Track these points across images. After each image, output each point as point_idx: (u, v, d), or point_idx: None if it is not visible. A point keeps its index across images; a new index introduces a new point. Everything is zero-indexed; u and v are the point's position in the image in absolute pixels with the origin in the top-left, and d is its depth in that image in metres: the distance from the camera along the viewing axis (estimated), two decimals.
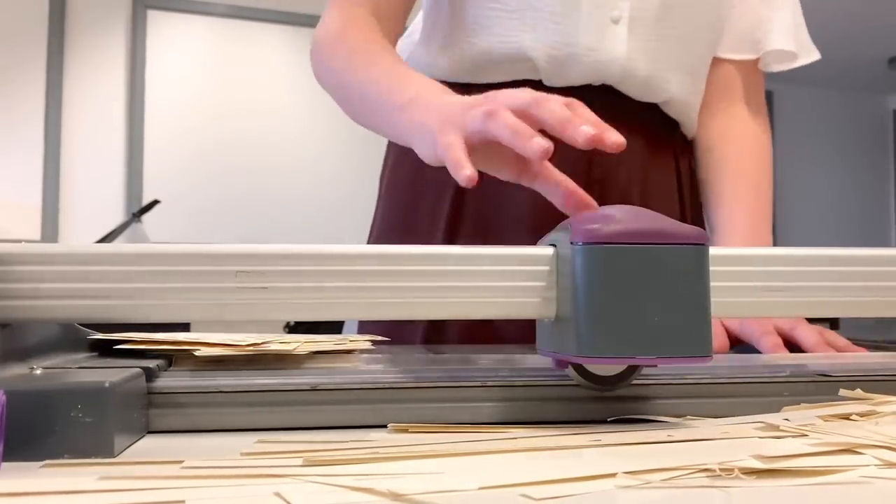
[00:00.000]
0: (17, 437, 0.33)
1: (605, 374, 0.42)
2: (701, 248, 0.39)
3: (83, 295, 0.40)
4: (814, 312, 0.47)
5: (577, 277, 0.39)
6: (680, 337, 0.38)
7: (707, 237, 0.40)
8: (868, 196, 5.27)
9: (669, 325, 0.38)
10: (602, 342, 0.38)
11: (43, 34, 3.30)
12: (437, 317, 0.42)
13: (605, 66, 0.77)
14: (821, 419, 0.40)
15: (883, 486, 0.30)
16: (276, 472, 0.31)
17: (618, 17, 0.77)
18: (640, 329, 0.38)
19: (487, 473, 0.31)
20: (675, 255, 0.39)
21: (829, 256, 0.46)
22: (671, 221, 0.41)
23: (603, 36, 0.76)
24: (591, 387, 0.42)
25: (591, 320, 0.38)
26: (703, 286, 0.39)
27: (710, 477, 0.31)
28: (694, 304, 0.39)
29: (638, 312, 0.38)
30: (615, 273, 0.38)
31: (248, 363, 0.49)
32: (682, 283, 0.39)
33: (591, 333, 0.38)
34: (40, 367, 0.41)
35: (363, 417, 0.41)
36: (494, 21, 0.77)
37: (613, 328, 0.38)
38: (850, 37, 4.24)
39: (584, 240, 0.39)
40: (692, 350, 0.39)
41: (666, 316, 0.38)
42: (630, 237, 0.39)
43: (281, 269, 0.41)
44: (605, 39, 0.76)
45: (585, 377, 0.42)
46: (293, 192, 3.62)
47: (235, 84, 3.61)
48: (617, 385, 0.42)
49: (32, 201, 3.26)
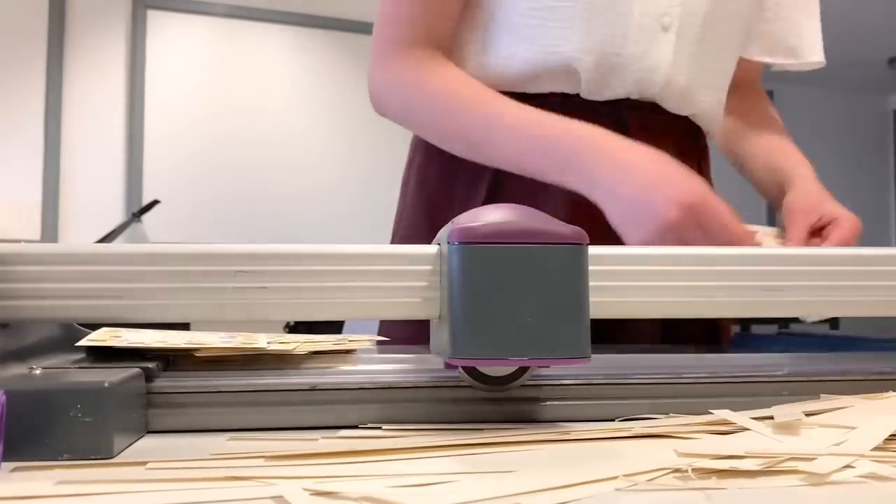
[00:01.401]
0: (16, 437, 0.33)
1: (496, 374, 0.41)
2: (578, 248, 0.38)
3: (83, 295, 0.40)
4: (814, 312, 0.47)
5: (452, 277, 0.38)
6: (556, 338, 0.38)
7: (587, 237, 0.39)
8: (868, 196, 5.27)
9: (545, 326, 0.38)
10: (475, 342, 0.37)
11: (43, 34, 3.31)
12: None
13: (648, 76, 0.76)
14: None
15: (883, 486, 0.30)
16: (238, 475, 0.31)
17: (668, 24, 0.76)
18: (514, 329, 0.37)
19: (468, 476, 0.31)
20: (551, 254, 0.38)
21: (829, 256, 0.46)
22: (554, 222, 0.40)
23: (651, 44, 0.76)
24: (482, 387, 0.42)
25: (464, 320, 0.37)
26: (580, 287, 0.38)
27: (681, 478, 0.31)
28: (571, 305, 0.38)
29: (512, 313, 0.37)
30: (489, 273, 0.38)
31: (247, 363, 0.49)
32: (558, 283, 0.38)
33: (465, 334, 0.37)
34: (40, 367, 0.41)
35: (363, 417, 0.41)
36: (538, 30, 0.76)
37: (486, 328, 0.37)
38: (850, 37, 4.24)
39: (459, 239, 0.38)
40: (568, 351, 0.38)
41: (541, 316, 0.37)
42: (505, 236, 0.38)
43: (280, 268, 0.41)
44: (652, 47, 0.76)
45: (475, 377, 0.41)
46: (293, 192, 3.62)
47: (235, 84, 3.61)
48: (507, 385, 0.42)
49: (32, 201, 3.26)
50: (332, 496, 0.28)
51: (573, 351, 0.38)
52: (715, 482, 0.30)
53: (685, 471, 0.31)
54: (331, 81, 3.70)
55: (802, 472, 0.31)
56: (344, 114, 3.71)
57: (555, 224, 0.39)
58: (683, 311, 0.45)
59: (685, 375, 0.46)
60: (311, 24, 3.68)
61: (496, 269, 0.38)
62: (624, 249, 0.45)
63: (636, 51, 0.75)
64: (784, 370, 0.48)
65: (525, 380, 0.42)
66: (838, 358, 0.64)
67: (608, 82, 0.76)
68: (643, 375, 0.45)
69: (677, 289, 0.45)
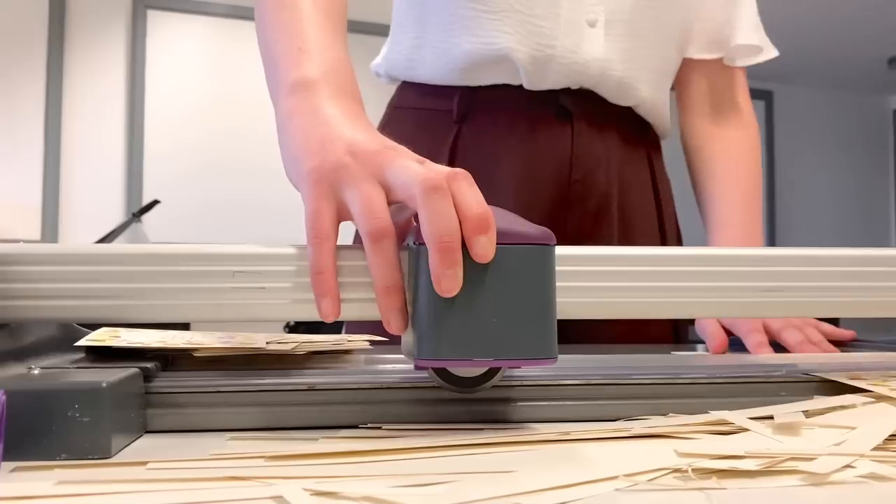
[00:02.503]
0: (15, 436, 0.33)
1: (466, 375, 0.41)
2: (545, 249, 0.38)
3: (82, 295, 0.40)
4: (813, 312, 0.47)
5: (418, 278, 0.38)
6: (522, 339, 0.37)
7: (554, 238, 0.38)
8: (868, 196, 5.27)
9: (511, 327, 0.37)
10: (440, 343, 0.37)
11: (43, 34, 3.30)
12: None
13: (583, 68, 0.79)
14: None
15: (883, 486, 0.30)
16: (238, 475, 0.31)
17: (594, 20, 0.79)
18: (480, 330, 0.37)
19: (468, 476, 0.31)
20: (518, 255, 0.37)
21: (828, 256, 0.46)
22: (521, 222, 0.39)
23: (581, 38, 0.78)
24: (452, 389, 0.41)
25: (429, 321, 0.37)
26: (547, 287, 0.38)
27: (681, 478, 0.31)
28: (537, 306, 0.37)
29: (478, 313, 0.37)
30: None
31: (246, 363, 0.49)
32: (524, 284, 0.37)
33: (430, 335, 0.37)
34: (38, 367, 0.41)
35: (363, 417, 0.41)
36: (475, 21, 0.78)
37: (451, 329, 0.37)
38: (850, 37, 4.24)
39: (423, 240, 0.38)
40: (535, 352, 0.37)
41: (507, 317, 0.37)
42: None
43: (278, 269, 0.41)
44: (583, 42, 0.78)
45: (445, 379, 0.41)
46: (293, 192, 3.62)
47: (235, 84, 3.61)
48: (477, 387, 0.41)
49: (32, 201, 3.26)
50: (332, 496, 0.28)
51: (539, 351, 0.37)
52: (715, 482, 0.30)
53: (685, 471, 0.31)
54: None
55: (802, 472, 0.31)
56: None
57: (522, 224, 0.39)
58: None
59: (685, 375, 0.46)
60: None
61: (462, 270, 0.37)
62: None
63: (568, 44, 0.78)
64: (783, 370, 0.48)
65: (496, 382, 0.42)
66: (838, 357, 0.64)
67: (545, 74, 0.78)
68: (643, 375, 0.45)
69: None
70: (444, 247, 0.37)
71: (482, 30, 0.78)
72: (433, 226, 0.37)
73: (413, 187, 0.39)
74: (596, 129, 0.81)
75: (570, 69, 0.78)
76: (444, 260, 0.36)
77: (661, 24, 0.83)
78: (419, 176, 0.39)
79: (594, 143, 0.81)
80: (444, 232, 0.37)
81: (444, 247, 0.37)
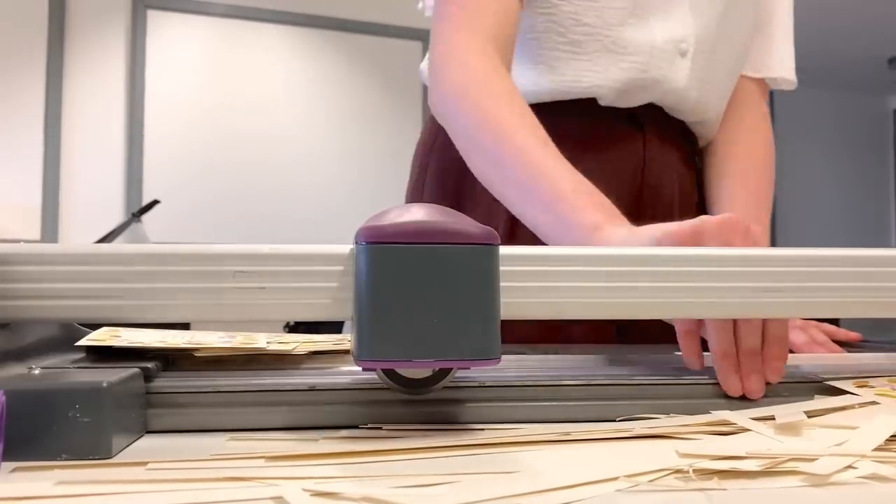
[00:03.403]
0: (15, 436, 0.33)
1: (415, 377, 0.41)
2: (488, 249, 0.38)
3: (82, 295, 0.40)
4: (813, 313, 0.47)
5: (359, 277, 0.37)
6: (464, 339, 0.37)
7: (497, 237, 0.38)
8: (868, 196, 5.27)
9: (453, 327, 0.37)
10: (380, 344, 0.36)
11: (43, 34, 3.31)
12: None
13: (665, 95, 0.81)
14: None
15: (885, 487, 0.30)
16: (238, 475, 0.31)
17: (685, 50, 0.80)
18: (422, 331, 0.36)
19: (469, 477, 0.31)
20: (459, 255, 0.37)
21: (828, 257, 0.46)
22: (466, 221, 0.39)
23: (670, 67, 0.80)
24: (401, 390, 0.41)
25: (369, 322, 0.37)
26: (490, 287, 0.37)
27: (682, 479, 0.31)
28: (480, 306, 0.37)
29: (420, 313, 0.36)
30: (395, 273, 0.37)
31: (246, 363, 0.49)
32: (467, 283, 0.37)
33: (370, 335, 0.36)
34: (39, 367, 0.41)
35: (362, 417, 0.41)
36: (564, 63, 0.78)
37: (391, 330, 0.36)
38: (850, 37, 4.24)
39: (366, 238, 0.37)
40: (477, 353, 0.37)
41: (449, 318, 0.36)
42: (412, 236, 0.37)
43: (279, 269, 0.41)
44: (671, 70, 0.80)
45: (393, 380, 0.41)
46: (293, 192, 3.62)
47: (235, 83, 3.62)
48: (427, 389, 0.41)
49: (32, 202, 3.27)
50: (333, 497, 0.28)
51: (482, 352, 0.37)
52: (716, 483, 0.30)
53: (686, 471, 0.31)
54: (330, 81, 3.70)
55: (804, 472, 0.31)
56: (343, 113, 3.72)
57: (465, 224, 0.38)
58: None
59: (685, 376, 0.46)
60: (310, 24, 3.68)
61: (403, 270, 0.36)
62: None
63: (657, 75, 0.80)
64: (786, 371, 0.47)
65: (446, 383, 0.41)
66: (838, 358, 0.64)
67: (629, 100, 0.81)
68: (644, 376, 0.45)
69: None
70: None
71: (569, 69, 0.78)
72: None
73: None
74: (662, 139, 0.84)
75: (653, 96, 0.81)
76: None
77: (735, 50, 0.86)
78: None
79: (664, 154, 0.84)
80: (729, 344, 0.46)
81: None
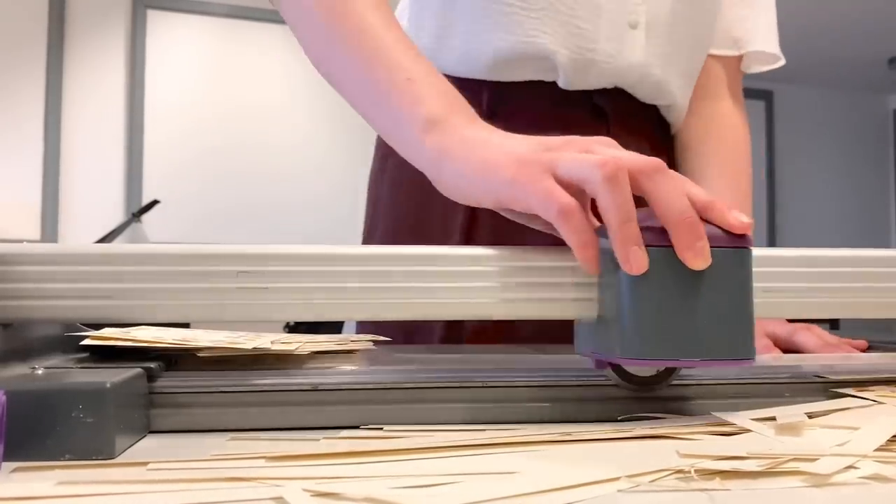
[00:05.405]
0: (18, 437, 0.33)
1: (644, 374, 0.42)
2: (745, 252, 0.40)
3: (83, 295, 0.40)
4: (813, 313, 0.47)
5: (621, 278, 0.39)
6: (724, 339, 0.39)
7: (752, 240, 0.40)
8: (868, 196, 5.27)
9: (713, 327, 0.39)
10: (647, 344, 0.38)
11: (43, 34, 3.31)
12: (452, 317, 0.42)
13: (623, 71, 0.78)
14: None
15: (886, 487, 0.30)
16: (240, 475, 0.31)
17: (635, 22, 0.77)
18: (685, 331, 0.38)
19: (471, 477, 0.31)
20: (721, 257, 0.39)
21: (828, 257, 0.46)
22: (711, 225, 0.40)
23: (622, 42, 0.77)
24: (629, 387, 0.43)
25: (636, 322, 0.39)
26: (747, 288, 0.40)
27: (684, 479, 0.31)
28: (738, 307, 0.39)
29: (682, 314, 0.38)
30: (659, 275, 0.39)
31: (249, 363, 0.49)
32: (726, 285, 0.39)
33: (637, 335, 0.39)
34: (42, 367, 0.41)
35: (363, 418, 0.41)
36: (511, 18, 0.75)
37: (658, 330, 0.38)
38: (850, 37, 4.24)
39: (648, 242, 0.39)
40: (735, 352, 0.39)
41: (710, 318, 0.38)
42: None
43: (282, 269, 0.41)
44: (624, 45, 0.77)
45: (624, 378, 0.42)
46: (293, 192, 3.62)
47: (235, 84, 3.61)
48: (656, 386, 0.43)
49: (32, 201, 3.27)
50: (334, 497, 0.28)
51: (740, 352, 0.39)
52: (718, 483, 0.30)
53: (688, 472, 0.31)
54: None
55: (805, 473, 0.31)
56: (343, 113, 3.71)
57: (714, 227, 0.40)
58: None
59: (686, 376, 0.46)
60: None
61: (664, 272, 0.39)
62: None
63: (609, 47, 0.76)
64: (785, 371, 0.48)
65: (672, 380, 0.43)
66: (840, 359, 0.64)
67: (585, 77, 0.77)
68: None
69: None
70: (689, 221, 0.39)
71: (520, 27, 0.76)
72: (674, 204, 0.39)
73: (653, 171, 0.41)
74: (629, 129, 0.79)
75: (611, 73, 0.78)
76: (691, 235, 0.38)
77: (697, 26, 0.83)
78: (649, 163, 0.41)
79: (629, 145, 0.80)
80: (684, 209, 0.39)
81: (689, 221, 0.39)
